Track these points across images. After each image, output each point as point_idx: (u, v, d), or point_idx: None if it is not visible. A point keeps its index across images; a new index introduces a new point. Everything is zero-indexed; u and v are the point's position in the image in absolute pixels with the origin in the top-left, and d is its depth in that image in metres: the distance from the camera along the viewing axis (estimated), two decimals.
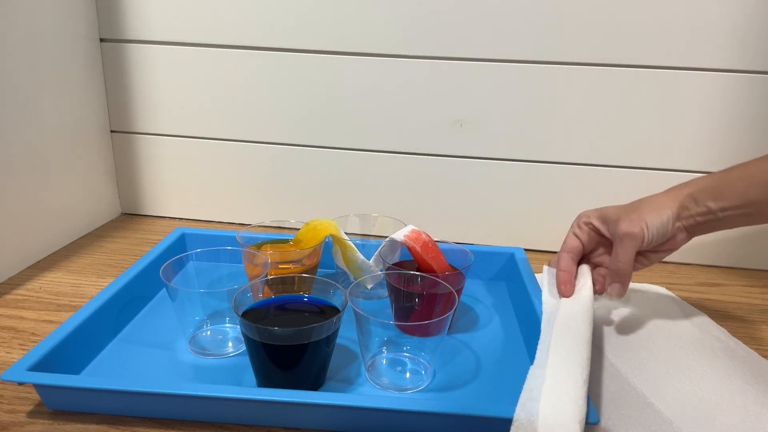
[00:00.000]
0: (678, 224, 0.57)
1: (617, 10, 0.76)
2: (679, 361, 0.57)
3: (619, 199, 0.86)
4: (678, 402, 0.51)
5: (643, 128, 0.82)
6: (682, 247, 0.87)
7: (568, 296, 0.59)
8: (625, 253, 0.56)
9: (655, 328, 0.64)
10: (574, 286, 0.60)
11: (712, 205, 0.55)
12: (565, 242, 0.63)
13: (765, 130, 0.79)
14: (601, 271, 0.62)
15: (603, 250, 0.63)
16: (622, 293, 0.58)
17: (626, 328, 0.64)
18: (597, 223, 0.60)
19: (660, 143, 0.82)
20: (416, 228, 0.65)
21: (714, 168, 0.82)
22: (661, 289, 0.75)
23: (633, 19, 0.77)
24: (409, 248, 0.64)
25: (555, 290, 0.61)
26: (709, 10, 0.75)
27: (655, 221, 0.56)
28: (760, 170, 0.53)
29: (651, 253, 0.60)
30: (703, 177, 0.57)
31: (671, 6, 0.75)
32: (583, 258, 0.64)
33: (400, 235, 0.64)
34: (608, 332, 0.63)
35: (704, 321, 0.68)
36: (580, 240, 0.62)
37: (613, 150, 0.83)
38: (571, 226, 0.64)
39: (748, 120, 0.79)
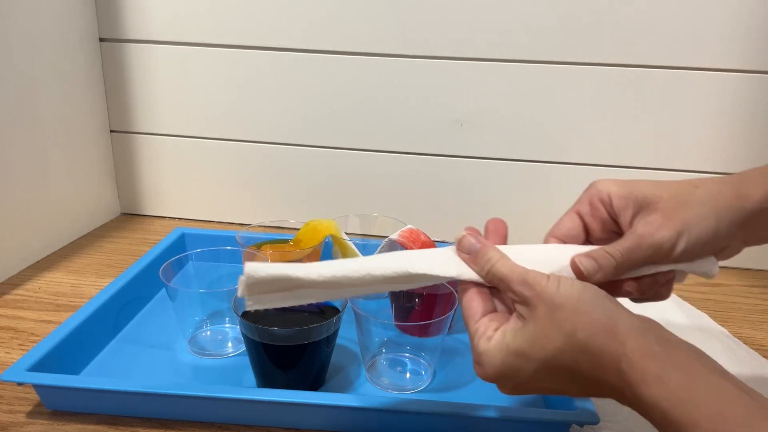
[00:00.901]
0: (738, 232, 0.38)
1: (618, 10, 0.76)
2: None
3: None
4: None
5: (644, 128, 0.82)
6: None
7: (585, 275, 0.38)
8: (632, 253, 0.37)
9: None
10: None
11: None
12: (559, 221, 0.43)
13: (767, 130, 0.79)
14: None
15: (612, 239, 0.40)
16: (591, 278, 0.37)
17: None
18: (618, 204, 0.39)
19: (661, 143, 0.82)
20: (414, 228, 0.65)
21: (717, 168, 0.83)
22: None
23: (634, 19, 0.76)
24: (403, 246, 0.63)
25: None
26: (710, 10, 0.75)
27: (706, 230, 0.37)
28: None
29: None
30: None
31: (673, 6, 0.75)
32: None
33: (395, 234, 0.64)
34: None
35: (705, 321, 0.68)
36: (585, 223, 0.41)
37: (613, 150, 0.83)
38: (579, 200, 0.42)
39: (751, 120, 0.79)
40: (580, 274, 0.38)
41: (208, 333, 0.60)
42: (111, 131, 0.92)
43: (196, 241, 0.76)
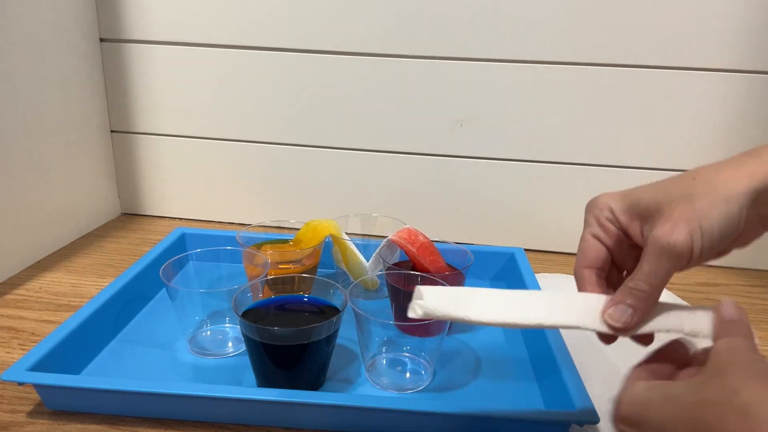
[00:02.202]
0: (754, 212, 0.36)
1: (618, 10, 0.76)
2: None
3: None
4: None
5: (643, 128, 0.82)
6: None
7: (623, 328, 0.38)
8: (656, 273, 0.35)
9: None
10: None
11: None
12: (581, 251, 0.40)
13: (766, 130, 0.79)
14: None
15: (632, 253, 0.40)
16: (630, 326, 0.37)
17: None
18: (624, 219, 0.38)
19: (660, 143, 0.82)
20: (413, 228, 0.65)
21: None
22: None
23: (633, 19, 0.76)
24: (401, 247, 0.63)
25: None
26: (709, 10, 0.75)
27: (718, 219, 0.34)
28: None
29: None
30: None
31: (672, 6, 0.75)
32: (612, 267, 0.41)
33: (393, 235, 0.64)
34: None
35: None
36: (604, 244, 0.40)
37: (613, 150, 0.83)
38: (587, 223, 0.40)
39: (750, 120, 0.79)
40: (617, 328, 0.37)
41: (209, 333, 0.60)
42: (111, 131, 0.92)
43: (196, 241, 0.76)
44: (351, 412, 0.47)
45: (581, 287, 0.40)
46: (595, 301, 0.38)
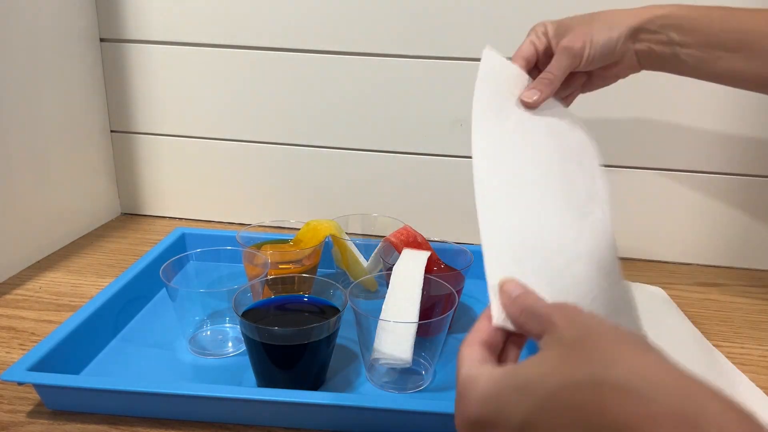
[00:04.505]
0: (630, 46, 0.52)
1: None
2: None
3: (619, 200, 0.86)
4: None
5: (643, 128, 0.82)
6: (681, 247, 0.87)
7: (532, 103, 0.51)
8: (557, 65, 0.52)
9: (650, 328, 0.63)
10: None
11: (675, 36, 0.51)
12: (521, 48, 0.55)
13: (766, 130, 0.79)
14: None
15: (548, 61, 0.55)
16: (537, 103, 0.51)
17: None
18: (551, 33, 0.54)
19: (660, 143, 0.82)
20: (412, 228, 0.65)
21: (713, 167, 0.83)
22: (658, 290, 0.74)
23: None
24: (395, 248, 0.63)
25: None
26: None
27: (602, 37, 0.51)
28: (747, 19, 0.49)
29: (596, 76, 0.57)
30: (679, 4, 0.51)
31: None
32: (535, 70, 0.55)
33: (390, 234, 0.64)
34: None
35: (691, 329, 0.66)
36: (536, 48, 0.55)
37: (613, 150, 0.83)
38: (531, 32, 0.56)
39: (749, 119, 0.79)
40: (528, 104, 0.50)
41: (209, 333, 0.60)
42: (111, 131, 0.92)
43: (196, 241, 0.76)
44: (351, 412, 0.47)
45: (515, 61, 0.54)
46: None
